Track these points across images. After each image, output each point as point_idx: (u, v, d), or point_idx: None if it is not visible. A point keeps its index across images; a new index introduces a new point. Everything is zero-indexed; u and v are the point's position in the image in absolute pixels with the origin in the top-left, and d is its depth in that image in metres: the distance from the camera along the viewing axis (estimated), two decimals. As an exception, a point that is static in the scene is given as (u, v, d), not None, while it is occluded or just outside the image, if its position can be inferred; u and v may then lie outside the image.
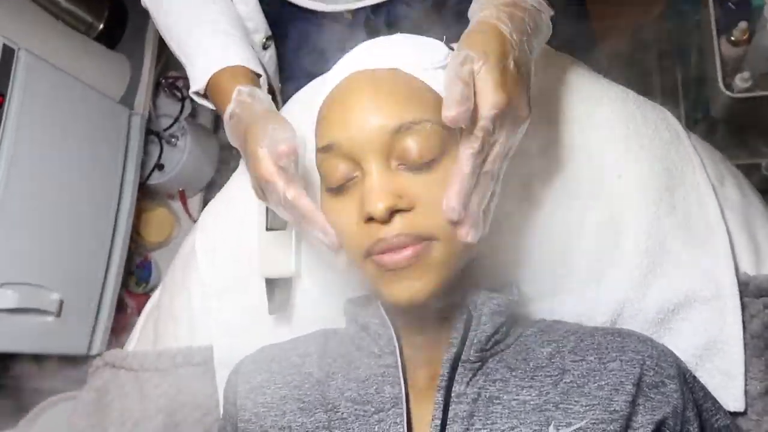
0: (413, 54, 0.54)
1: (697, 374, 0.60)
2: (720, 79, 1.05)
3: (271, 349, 0.66)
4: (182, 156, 1.48)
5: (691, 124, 1.43)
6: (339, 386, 0.58)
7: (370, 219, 0.50)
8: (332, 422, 0.55)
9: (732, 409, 0.59)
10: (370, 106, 0.51)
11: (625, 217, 0.64)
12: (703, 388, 0.57)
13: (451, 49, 0.58)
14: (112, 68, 1.33)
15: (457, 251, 0.52)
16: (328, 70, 0.58)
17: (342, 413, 0.56)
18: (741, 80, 1.04)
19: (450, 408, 0.53)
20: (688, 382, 0.55)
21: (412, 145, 0.50)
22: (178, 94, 1.51)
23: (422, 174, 0.51)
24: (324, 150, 0.53)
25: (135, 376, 0.76)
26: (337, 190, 0.53)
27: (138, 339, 0.83)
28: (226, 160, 1.61)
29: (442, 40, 0.58)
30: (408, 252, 0.49)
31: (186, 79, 1.49)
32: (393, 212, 0.50)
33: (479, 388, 0.54)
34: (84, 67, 1.23)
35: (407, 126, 0.50)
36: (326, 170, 0.53)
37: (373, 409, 0.55)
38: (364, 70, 0.53)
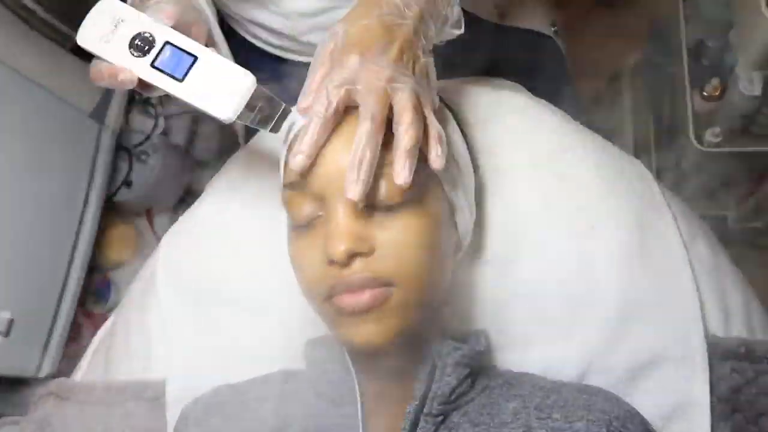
0: None
1: (663, 436, 0.60)
2: (691, 133, 1.07)
3: (226, 390, 0.63)
4: (152, 173, 1.44)
5: (662, 173, 1.45)
6: (296, 435, 0.55)
7: (332, 261, 0.48)
8: None
9: (697, 474, 0.58)
10: (338, 143, 0.49)
11: (597, 270, 0.64)
12: (669, 452, 0.56)
13: None
14: (85, 81, 1.29)
15: (417, 298, 0.50)
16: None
17: None
18: (712, 135, 1.06)
19: (410, 464, 0.51)
20: (654, 445, 0.54)
21: (379, 187, 0.49)
22: (152, 110, 1.48)
23: (388, 218, 0.49)
24: (289, 187, 0.52)
25: (80, 409, 0.72)
26: (302, 228, 0.51)
27: (87, 368, 0.79)
28: (197, 180, 1.58)
29: None
30: (366, 296, 0.48)
31: (162, 96, 1.49)
32: (354, 255, 0.48)
33: (441, 444, 0.52)
34: (56, 79, 1.20)
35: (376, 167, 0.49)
36: (292, 208, 0.52)
37: (330, 462, 0.53)
38: None
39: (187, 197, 1.55)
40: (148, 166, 1.44)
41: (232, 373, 0.68)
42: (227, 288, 0.71)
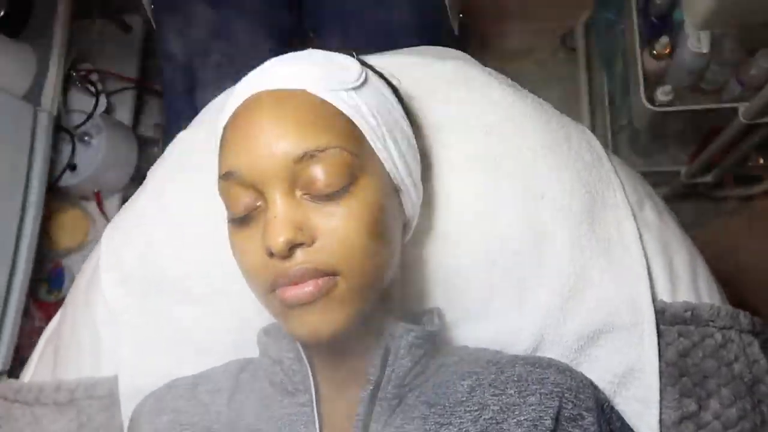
0: (322, 73, 0.50)
1: (615, 402, 0.61)
2: (642, 92, 1.06)
3: (179, 384, 0.61)
4: (97, 155, 1.38)
5: (616, 130, 1.47)
6: (250, 427, 0.55)
7: (272, 253, 0.46)
8: None
9: (647, 438, 0.59)
10: (273, 131, 0.47)
11: (547, 240, 0.63)
12: (620, 418, 0.57)
13: (365, 65, 0.55)
14: (15, 60, 1.22)
15: (363, 286, 0.49)
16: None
17: None
18: (662, 93, 1.06)
19: (367, 450, 0.51)
20: (605, 413, 0.55)
21: (318, 173, 0.47)
22: (92, 88, 1.40)
23: (328, 204, 0.48)
24: (225, 177, 0.49)
25: (30, 411, 0.69)
26: (241, 220, 0.49)
27: (35, 368, 0.76)
28: (146, 159, 1.53)
29: (353, 56, 0.55)
30: (309, 287, 0.47)
31: (100, 72, 1.42)
32: (294, 246, 0.46)
33: (397, 428, 0.52)
34: (-20, 60, 1.12)
35: (312, 153, 0.47)
36: (228, 199, 0.50)
37: (285, 453, 0.52)
38: (267, 92, 0.49)
39: (137, 176, 1.49)
40: (92, 147, 1.38)
41: (185, 364, 0.67)
42: (172, 278, 0.69)
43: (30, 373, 0.76)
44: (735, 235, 1.38)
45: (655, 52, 1.05)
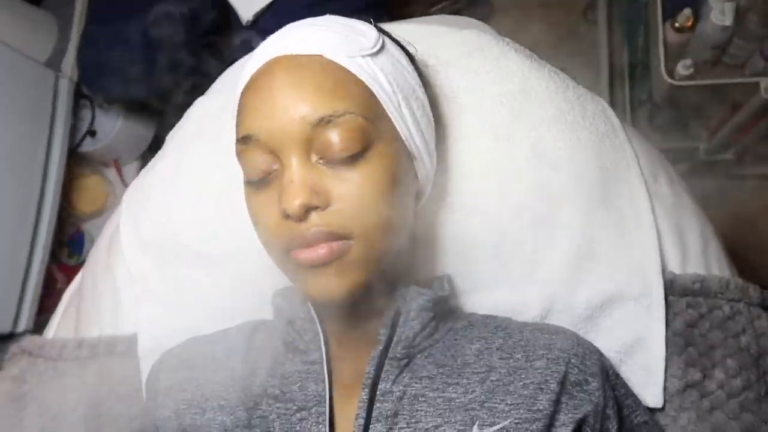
0: (340, 39, 0.51)
1: (621, 370, 0.62)
2: (662, 65, 1.05)
3: (196, 342, 0.63)
4: (116, 122, 1.40)
5: (636, 103, 1.45)
6: (262, 383, 0.57)
7: (287, 215, 0.48)
8: (252, 420, 0.54)
9: (651, 405, 0.60)
10: (290, 96, 0.48)
11: (559, 211, 0.64)
12: (624, 385, 0.58)
13: (381, 32, 0.55)
14: (37, 27, 1.23)
15: (376, 251, 0.50)
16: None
17: (263, 411, 0.54)
18: (683, 67, 1.04)
19: (375, 406, 0.53)
20: (610, 379, 0.56)
21: (333, 138, 0.48)
22: (112, 55, 1.42)
23: (343, 169, 0.49)
24: (243, 141, 0.50)
25: (54, 366, 0.72)
26: (258, 183, 0.51)
27: (58, 325, 0.79)
28: (165, 126, 1.54)
29: (370, 22, 0.55)
30: (323, 250, 0.48)
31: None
32: (309, 209, 0.48)
33: (405, 386, 0.53)
34: (5, 27, 1.13)
35: (329, 118, 0.48)
36: (246, 163, 0.51)
37: (295, 407, 0.54)
38: (286, 56, 0.50)
39: (156, 144, 1.51)
40: (112, 113, 1.40)
41: (201, 325, 0.68)
42: (189, 241, 0.70)
43: (53, 330, 0.79)
44: (755, 213, 1.36)
45: (677, 24, 1.03)
